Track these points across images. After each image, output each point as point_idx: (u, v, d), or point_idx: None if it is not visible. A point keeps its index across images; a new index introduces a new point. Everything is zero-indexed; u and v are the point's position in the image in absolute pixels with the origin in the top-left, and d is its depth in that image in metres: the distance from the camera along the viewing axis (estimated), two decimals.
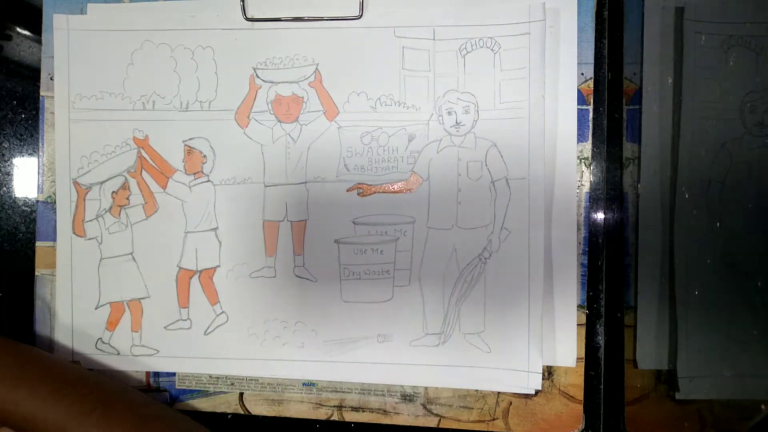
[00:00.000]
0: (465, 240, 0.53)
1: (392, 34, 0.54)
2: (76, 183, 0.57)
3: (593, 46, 0.53)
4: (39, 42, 0.58)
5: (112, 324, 0.57)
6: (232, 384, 0.57)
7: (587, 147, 0.53)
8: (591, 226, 0.53)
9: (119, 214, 0.57)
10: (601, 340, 0.53)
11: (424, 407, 0.55)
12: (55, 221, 0.57)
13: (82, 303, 0.57)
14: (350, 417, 0.55)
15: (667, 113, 0.52)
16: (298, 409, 0.56)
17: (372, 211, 0.54)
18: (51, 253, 0.57)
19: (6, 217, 0.60)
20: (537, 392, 0.53)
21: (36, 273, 0.58)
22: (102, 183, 0.57)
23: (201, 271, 0.56)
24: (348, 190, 0.55)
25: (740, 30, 0.52)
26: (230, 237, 0.56)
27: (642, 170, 0.52)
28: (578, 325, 0.52)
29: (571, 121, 0.52)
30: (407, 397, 0.55)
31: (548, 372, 0.53)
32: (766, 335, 0.51)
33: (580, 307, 0.53)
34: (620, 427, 0.53)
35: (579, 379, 0.53)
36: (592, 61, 0.53)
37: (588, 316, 0.53)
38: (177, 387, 0.57)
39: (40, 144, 0.58)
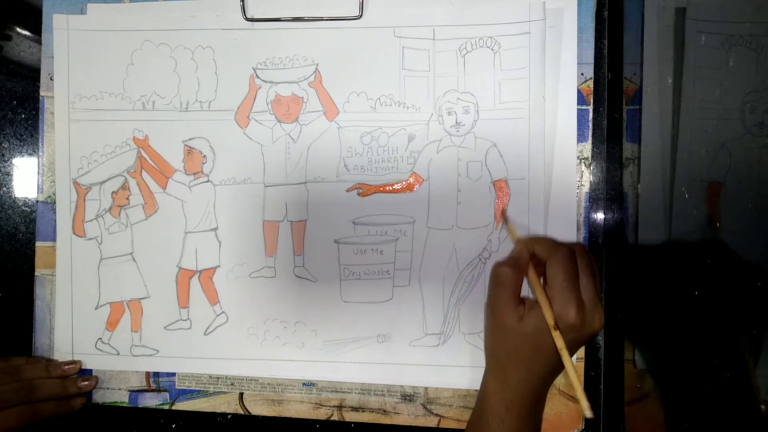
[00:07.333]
0: (465, 240, 0.53)
1: (392, 34, 0.54)
2: (76, 183, 0.57)
3: (593, 46, 0.53)
4: (39, 42, 0.58)
5: (111, 324, 0.57)
6: (232, 384, 0.57)
7: (587, 147, 0.53)
8: (591, 226, 0.53)
9: (119, 214, 0.57)
10: (601, 340, 0.53)
11: (424, 407, 0.55)
12: (55, 221, 0.57)
13: (82, 303, 0.57)
14: (350, 417, 0.55)
15: (667, 113, 0.52)
16: (298, 409, 0.56)
17: (372, 211, 0.54)
18: (51, 253, 0.57)
19: (6, 217, 0.60)
20: None
21: (36, 273, 0.58)
22: (102, 183, 0.57)
23: (201, 271, 0.56)
24: (348, 190, 0.55)
25: (741, 29, 0.52)
26: (230, 237, 0.56)
27: (642, 170, 0.52)
28: None
29: (571, 121, 0.52)
30: (407, 397, 0.55)
31: None
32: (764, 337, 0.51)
33: None
34: (620, 427, 0.52)
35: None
36: (592, 61, 0.53)
37: None
38: (177, 387, 0.57)
39: (40, 144, 0.58)
